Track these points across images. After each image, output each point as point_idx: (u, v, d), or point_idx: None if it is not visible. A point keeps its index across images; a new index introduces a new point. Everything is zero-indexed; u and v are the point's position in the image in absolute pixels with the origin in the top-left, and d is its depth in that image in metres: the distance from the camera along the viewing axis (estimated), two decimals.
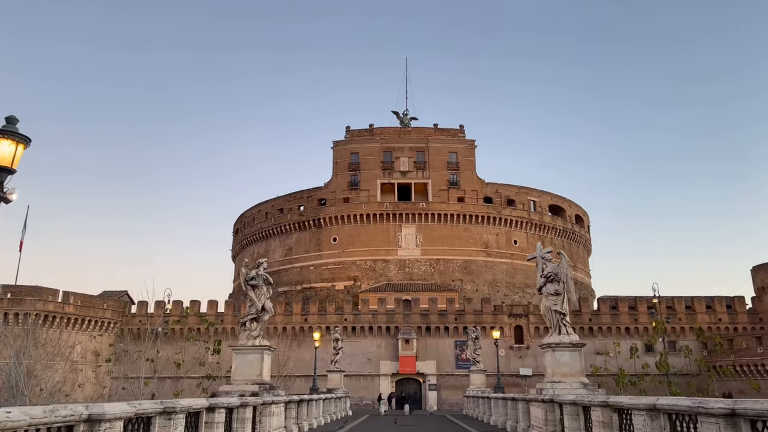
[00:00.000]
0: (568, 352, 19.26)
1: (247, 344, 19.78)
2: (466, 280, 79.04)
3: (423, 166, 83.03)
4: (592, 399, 13.64)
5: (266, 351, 19.87)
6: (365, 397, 62.22)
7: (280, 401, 19.65)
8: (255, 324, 20.17)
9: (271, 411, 18.60)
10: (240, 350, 19.76)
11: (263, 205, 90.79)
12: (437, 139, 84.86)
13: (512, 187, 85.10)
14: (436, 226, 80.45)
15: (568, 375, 19.03)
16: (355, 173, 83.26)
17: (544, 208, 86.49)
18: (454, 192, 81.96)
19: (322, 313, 66.24)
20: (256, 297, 20.14)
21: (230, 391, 18.83)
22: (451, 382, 63.19)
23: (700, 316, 64.01)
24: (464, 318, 65.05)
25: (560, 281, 19.76)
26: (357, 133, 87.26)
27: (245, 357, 19.64)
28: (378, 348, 64.92)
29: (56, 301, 59.38)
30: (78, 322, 60.93)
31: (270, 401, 18.45)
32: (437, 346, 64.59)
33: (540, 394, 18.83)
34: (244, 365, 19.57)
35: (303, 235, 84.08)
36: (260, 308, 20.14)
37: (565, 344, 19.30)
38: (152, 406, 10.35)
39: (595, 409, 13.59)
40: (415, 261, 79.51)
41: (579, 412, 15.69)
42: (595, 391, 18.38)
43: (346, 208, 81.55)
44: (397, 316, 65.62)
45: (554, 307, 19.69)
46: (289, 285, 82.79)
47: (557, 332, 19.75)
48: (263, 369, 19.54)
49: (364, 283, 77.99)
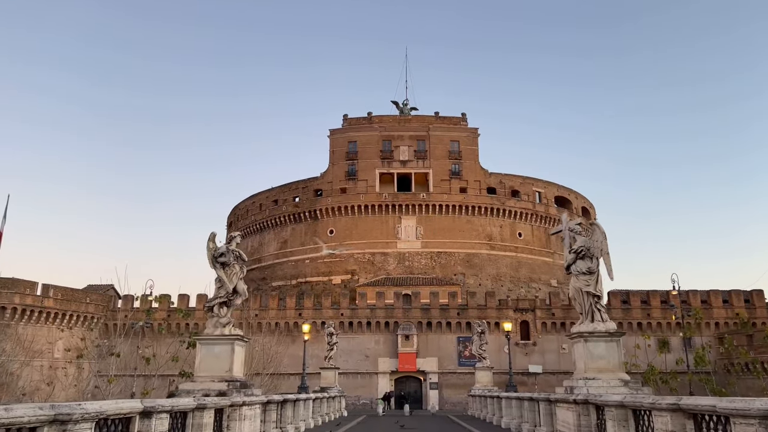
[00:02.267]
0: (604, 343, 15.87)
1: (214, 333, 16.37)
2: (469, 274, 75.63)
3: (424, 156, 79.57)
4: (656, 401, 10.24)
5: (238, 341, 16.45)
6: (362, 396, 58.85)
7: (254, 402, 16.23)
8: (225, 309, 16.76)
9: (242, 414, 15.20)
10: (205, 340, 16.34)
11: (257, 197, 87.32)
12: (438, 127, 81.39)
13: (517, 178, 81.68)
14: (438, 217, 77.02)
15: (605, 370, 15.64)
16: (353, 163, 79.81)
17: (549, 199, 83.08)
18: (456, 182, 78.49)
19: (317, 308, 62.81)
20: (226, 277, 16.71)
21: (192, 390, 15.44)
22: (454, 380, 59.82)
23: (717, 310, 60.64)
24: (467, 313, 61.66)
25: (593, 257, 16.36)
26: (355, 122, 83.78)
27: (211, 349, 16.23)
28: (376, 344, 61.52)
29: (34, 294, 55.91)
30: (58, 317, 57.45)
31: (240, 402, 15.04)
32: (439, 343, 61.19)
33: (570, 393, 15.44)
34: (211, 359, 16.16)
35: (298, 228, 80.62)
36: (231, 290, 16.71)
37: (601, 333, 15.91)
38: (31, 413, 6.96)
39: (660, 415, 10.19)
40: (416, 254, 76.07)
41: (628, 417, 12.29)
42: (640, 390, 15.00)
43: (344, 199, 78.10)
44: (397, 311, 62.23)
45: (586, 289, 16.30)
46: (284, 279, 79.36)
47: (590, 319, 16.37)
48: (234, 363, 16.13)
49: (362, 277, 74.56)
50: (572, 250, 16.66)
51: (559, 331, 61.42)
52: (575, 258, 16.57)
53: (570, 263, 16.71)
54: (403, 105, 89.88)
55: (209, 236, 16.98)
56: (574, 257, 16.59)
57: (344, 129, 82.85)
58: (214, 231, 17.08)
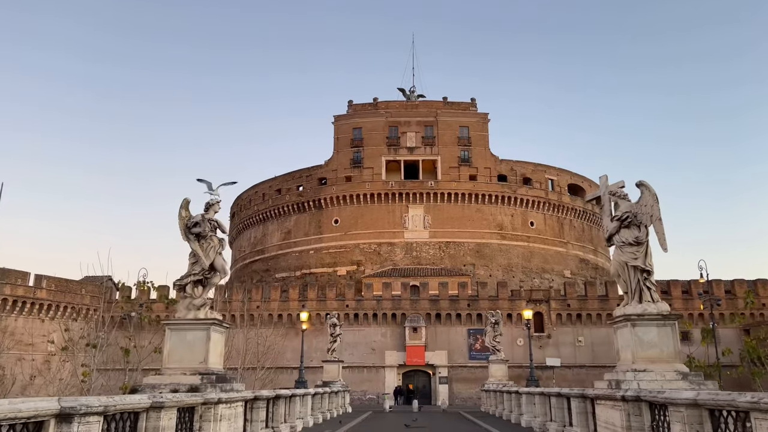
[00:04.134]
0: (656, 327, 13.12)
1: (187, 317, 13.72)
2: (479, 265, 72.82)
3: (432, 142, 76.68)
4: (761, 398, 7.48)
5: (215, 327, 13.79)
6: (369, 391, 56.31)
7: (235, 399, 13.60)
8: (200, 289, 14.10)
9: (219, 414, 12.56)
10: (176, 326, 13.70)
11: (260, 186, 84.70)
12: (447, 112, 78.43)
13: (528, 165, 78.63)
14: (446, 206, 74.19)
15: (657, 360, 12.90)
16: (358, 150, 77.05)
17: (562, 187, 80.00)
18: (465, 169, 75.59)
19: (321, 299, 60.20)
20: (201, 251, 14.05)
21: (158, 384, 12.81)
22: (464, 374, 57.15)
23: (741, 301, 57.48)
24: (478, 304, 58.88)
25: (641, 225, 13.59)
26: (360, 108, 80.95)
27: (183, 336, 13.59)
28: (383, 337, 58.89)
29: (26, 285, 53.65)
30: (52, 309, 55.18)
31: (215, 399, 12.40)
32: (448, 335, 58.48)
33: (616, 388, 12.69)
34: (182, 347, 13.52)
35: (302, 217, 78.03)
36: (208, 267, 14.04)
37: (652, 315, 13.16)
38: None
39: (763, 417, 7.46)
40: (423, 244, 73.33)
41: (704, 420, 9.55)
42: (703, 385, 12.26)
43: (349, 188, 75.40)
44: (404, 303, 59.54)
45: (633, 263, 13.52)
46: (288, 271, 76.85)
47: (637, 299, 13.60)
48: (210, 353, 13.48)
49: (368, 268, 71.93)
50: (615, 217, 13.89)
51: (574, 323, 58.60)
52: (618, 226, 13.80)
53: (612, 233, 13.94)
54: (410, 92, 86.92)
55: (182, 203, 14.33)
56: (617, 225, 13.82)
57: (349, 115, 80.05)
58: (188, 197, 14.42)
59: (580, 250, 79.97)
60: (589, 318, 58.47)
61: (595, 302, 58.82)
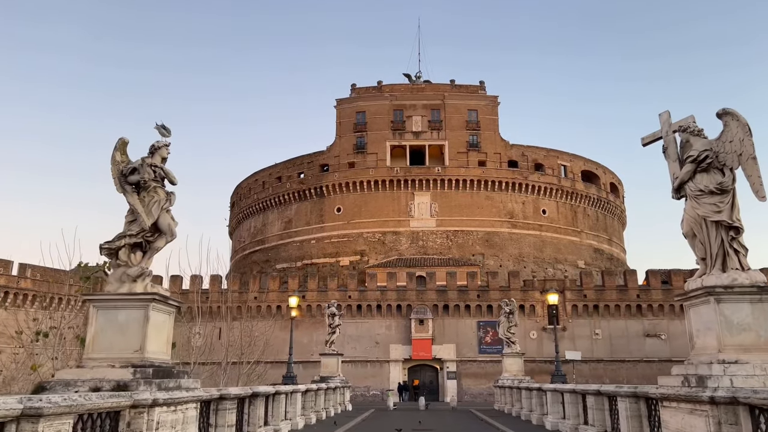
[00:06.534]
0: (750, 304, 9.64)
1: (119, 290, 10.34)
2: (488, 255, 69.33)
3: (438, 126, 73.13)
4: None
5: (157, 305, 10.41)
6: (372, 387, 53.07)
7: (182, 400, 10.23)
8: (138, 255, 10.73)
9: (154, 420, 9.20)
10: (103, 302, 10.32)
11: (260, 174, 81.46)
12: (455, 95, 74.82)
13: (540, 150, 74.93)
14: (454, 193, 70.69)
15: (753, 349, 9.45)
16: (362, 135, 73.60)
17: (576, 174, 76.31)
18: (474, 155, 72.03)
19: (322, 290, 56.91)
20: (141, 205, 10.68)
21: (75, 380, 9.48)
22: (474, 369, 53.80)
23: None
24: (488, 295, 55.45)
25: (724, 167, 10.12)
26: (364, 91, 77.45)
27: (113, 316, 10.22)
28: (387, 330, 55.58)
29: (9, 274, 50.64)
30: (37, 300, 52.08)
31: (150, 401, 9.05)
32: (457, 328, 55.10)
33: (698, 385, 9.25)
34: (112, 331, 10.16)
35: (303, 206, 74.73)
36: (149, 226, 10.65)
37: (744, 288, 9.67)
38: None
39: None
40: (430, 233, 69.90)
41: None
42: None
43: (352, 174, 72.01)
44: (410, 293, 56.18)
45: (715, 217, 10.02)
46: (289, 261, 73.65)
47: (719, 267, 10.12)
48: (148, 338, 10.10)
49: (372, 258, 68.62)
50: (688, 158, 10.41)
51: (591, 314, 55.08)
52: (693, 170, 10.31)
53: (684, 179, 10.44)
54: (415, 77, 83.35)
55: (116, 144, 10.96)
56: (691, 169, 10.33)
57: (352, 99, 76.58)
58: (125, 138, 11.04)
59: (594, 240, 76.32)
60: (607, 309, 54.94)
61: (613, 293, 55.27)
